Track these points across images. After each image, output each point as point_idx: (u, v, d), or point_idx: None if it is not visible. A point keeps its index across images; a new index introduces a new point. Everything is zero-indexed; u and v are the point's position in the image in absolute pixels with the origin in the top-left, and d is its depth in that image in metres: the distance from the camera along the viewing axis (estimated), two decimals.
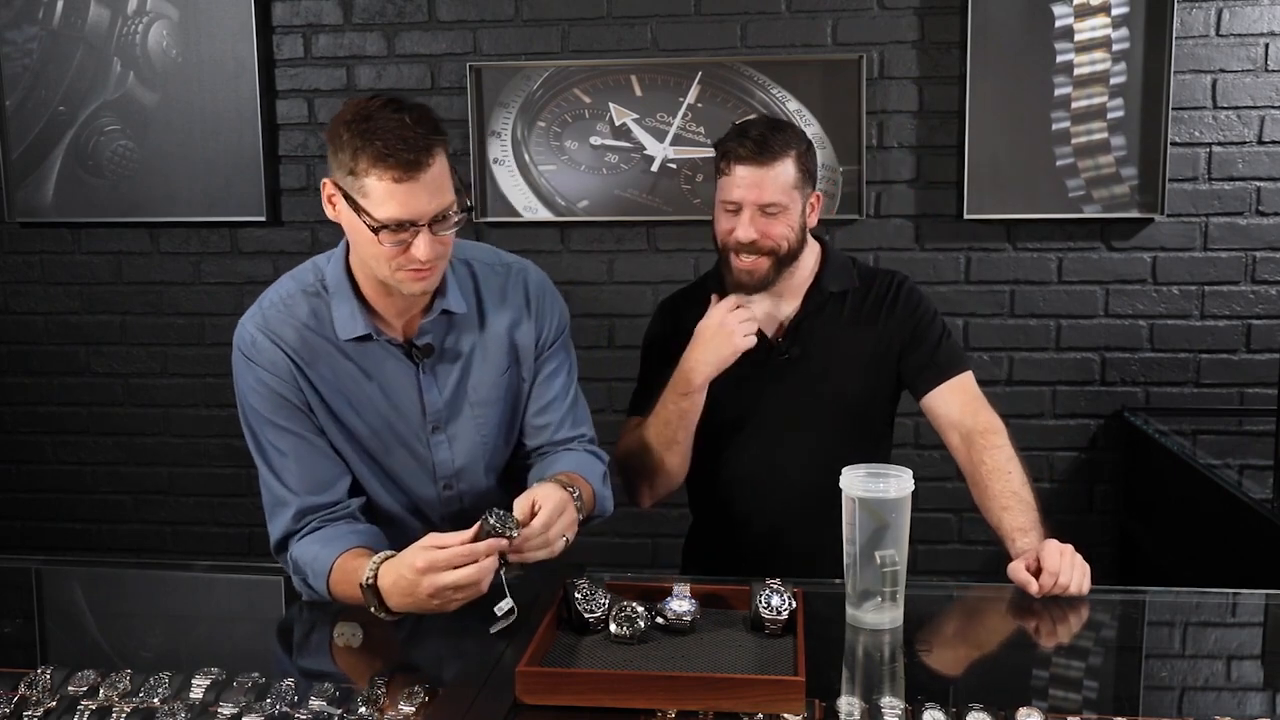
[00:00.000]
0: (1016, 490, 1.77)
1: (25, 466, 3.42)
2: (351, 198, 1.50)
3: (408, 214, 1.48)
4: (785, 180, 1.86)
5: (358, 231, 1.53)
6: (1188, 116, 2.92)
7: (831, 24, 2.99)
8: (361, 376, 1.65)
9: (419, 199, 1.48)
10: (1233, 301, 2.99)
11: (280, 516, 1.64)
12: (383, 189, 1.46)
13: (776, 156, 1.85)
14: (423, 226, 1.49)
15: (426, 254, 1.50)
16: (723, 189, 1.90)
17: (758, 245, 1.87)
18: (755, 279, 1.91)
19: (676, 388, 1.90)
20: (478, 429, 1.72)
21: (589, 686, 1.25)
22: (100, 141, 3.18)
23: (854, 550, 1.46)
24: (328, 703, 1.25)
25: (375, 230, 1.48)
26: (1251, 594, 1.65)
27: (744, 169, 1.86)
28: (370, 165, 1.46)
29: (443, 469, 1.72)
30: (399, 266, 1.53)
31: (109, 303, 3.31)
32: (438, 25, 3.09)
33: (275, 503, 1.65)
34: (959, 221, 3.01)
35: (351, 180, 1.49)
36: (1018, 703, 1.23)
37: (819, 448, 1.94)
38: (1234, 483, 2.40)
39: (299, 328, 1.64)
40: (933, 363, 1.95)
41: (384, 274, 1.55)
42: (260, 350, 1.63)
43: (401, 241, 1.49)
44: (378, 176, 1.46)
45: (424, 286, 1.57)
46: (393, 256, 1.51)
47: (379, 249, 1.51)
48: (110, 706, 1.25)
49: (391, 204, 1.47)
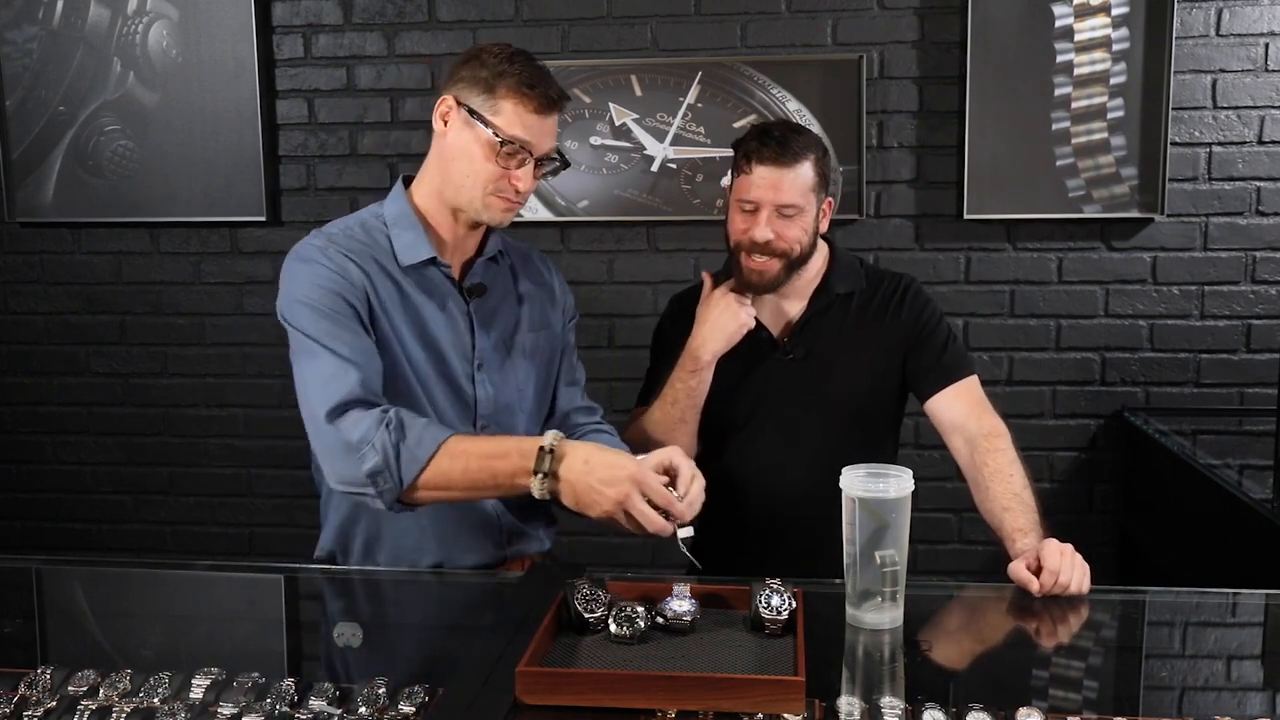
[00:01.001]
0: (1018, 492, 1.77)
1: (25, 466, 3.42)
2: (478, 113, 1.62)
3: (531, 140, 1.63)
4: (804, 183, 1.87)
5: (465, 148, 1.64)
6: (1188, 116, 2.92)
7: (831, 24, 2.99)
8: (418, 304, 1.70)
9: (544, 133, 1.65)
10: (1233, 301, 2.99)
11: (339, 382, 1.57)
12: (518, 113, 1.61)
13: (797, 159, 1.86)
14: (534, 158, 1.64)
15: (526, 184, 1.65)
16: (740, 188, 1.90)
17: (771, 246, 1.88)
18: (765, 280, 1.92)
19: (684, 366, 1.94)
20: (515, 376, 1.79)
21: (589, 686, 1.25)
22: (100, 141, 3.18)
23: (854, 550, 1.46)
24: (328, 703, 1.25)
25: (500, 144, 1.61)
26: (1251, 594, 1.65)
27: (764, 169, 1.86)
28: (513, 89, 1.61)
29: (483, 407, 1.75)
30: (496, 190, 1.65)
31: (109, 303, 3.32)
32: (438, 25, 3.09)
33: (328, 376, 1.58)
34: (959, 221, 3.01)
35: (485, 98, 1.62)
36: (1018, 703, 1.23)
37: (824, 448, 1.94)
38: (1234, 483, 2.40)
39: (365, 247, 1.69)
40: (938, 366, 1.96)
41: (474, 195, 1.65)
42: (330, 257, 1.65)
43: (511, 164, 1.63)
44: (516, 101, 1.61)
45: (506, 218, 1.69)
46: (496, 178, 1.64)
47: (485, 165, 1.63)
48: (110, 706, 1.25)
49: (520, 127, 1.62)
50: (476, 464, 1.55)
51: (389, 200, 1.75)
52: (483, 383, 1.75)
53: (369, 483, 1.54)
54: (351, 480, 1.56)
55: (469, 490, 1.58)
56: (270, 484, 3.32)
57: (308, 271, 1.65)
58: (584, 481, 1.51)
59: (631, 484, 1.49)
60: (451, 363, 1.72)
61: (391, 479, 1.54)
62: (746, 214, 1.89)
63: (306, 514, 3.26)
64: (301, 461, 3.22)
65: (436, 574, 1.74)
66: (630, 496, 1.49)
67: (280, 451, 3.28)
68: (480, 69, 1.63)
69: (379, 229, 1.72)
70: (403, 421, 1.55)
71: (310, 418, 1.60)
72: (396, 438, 1.53)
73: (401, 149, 3.15)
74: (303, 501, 3.27)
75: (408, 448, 1.53)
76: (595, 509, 1.52)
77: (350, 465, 1.55)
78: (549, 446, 1.52)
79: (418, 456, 1.53)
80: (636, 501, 1.49)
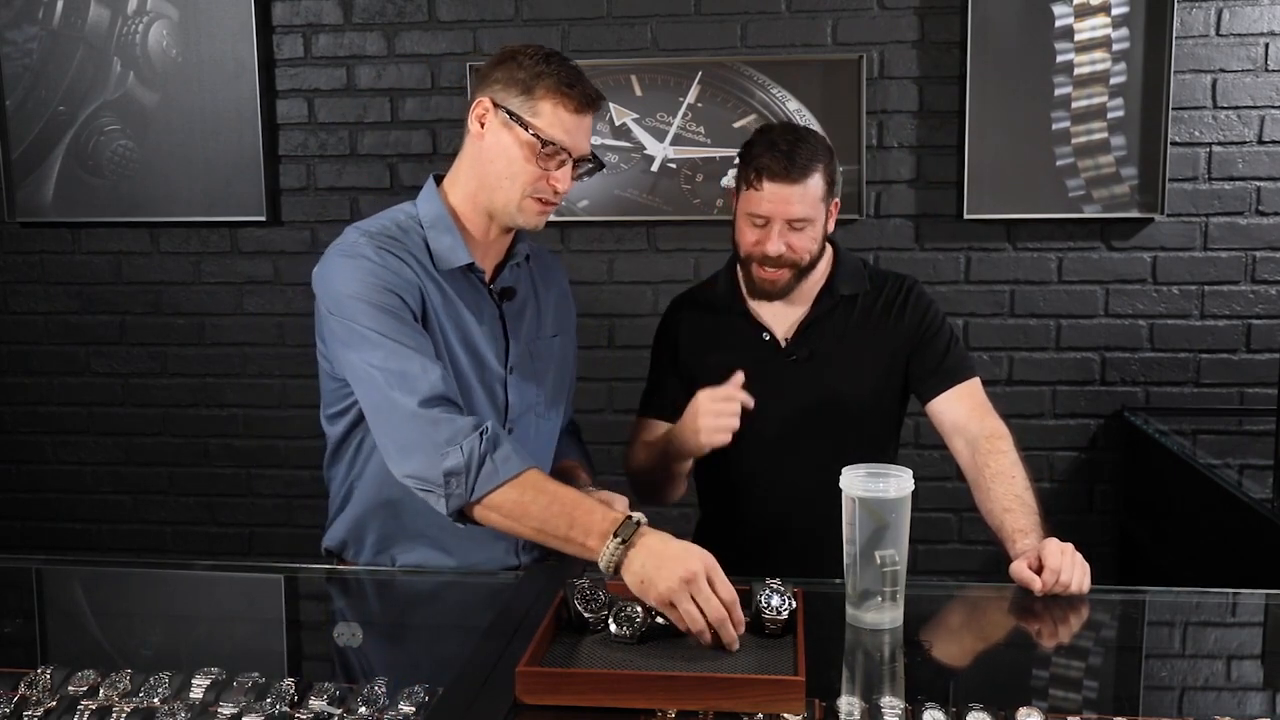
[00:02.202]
0: (1019, 494, 1.77)
1: (25, 466, 3.42)
2: (517, 115, 1.61)
3: (570, 141, 1.62)
4: (814, 195, 1.87)
5: (504, 150, 1.63)
6: (1188, 116, 2.92)
7: (831, 24, 2.99)
8: (456, 309, 1.69)
9: (582, 134, 1.64)
10: (1233, 301, 2.99)
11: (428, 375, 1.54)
12: (558, 114, 1.60)
13: (805, 172, 1.84)
14: (572, 160, 1.63)
15: (565, 185, 1.64)
16: (749, 202, 1.88)
17: (783, 259, 1.88)
18: (777, 289, 1.93)
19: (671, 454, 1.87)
20: (538, 378, 1.80)
21: (589, 686, 1.25)
22: (100, 141, 3.18)
23: (854, 550, 1.46)
24: (328, 703, 1.25)
25: (540, 144, 1.60)
26: (1251, 594, 1.65)
27: (775, 185, 1.84)
28: (551, 90, 1.60)
29: (513, 410, 1.75)
30: (533, 192, 1.63)
31: (109, 303, 3.31)
32: (438, 25, 3.09)
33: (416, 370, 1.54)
34: (959, 221, 3.01)
35: (523, 100, 1.61)
36: (1018, 703, 1.23)
37: (828, 449, 1.94)
38: (1234, 483, 2.40)
39: (407, 248, 1.66)
40: (941, 368, 1.96)
41: (510, 198, 1.64)
42: (382, 256, 1.62)
43: (550, 166, 1.62)
44: (555, 102, 1.60)
45: (540, 222, 1.67)
46: (533, 180, 1.62)
47: (524, 168, 1.62)
48: (110, 706, 1.25)
49: (559, 129, 1.61)
50: (558, 507, 1.48)
51: (422, 201, 1.72)
52: (514, 386, 1.75)
53: (442, 482, 1.50)
54: (425, 475, 1.52)
55: (539, 529, 1.49)
56: (270, 484, 3.32)
57: (358, 267, 1.60)
58: (662, 556, 1.39)
59: (702, 565, 1.38)
60: (490, 367, 1.72)
61: (465, 485, 1.50)
62: (757, 227, 1.89)
63: (306, 514, 3.26)
64: (301, 461, 3.25)
65: (436, 574, 1.74)
66: (697, 579, 1.36)
67: (280, 451, 3.28)
68: (517, 70, 1.62)
69: (416, 230, 1.69)
70: (497, 435, 1.52)
71: (390, 405, 1.54)
72: (487, 448, 1.50)
73: (401, 149, 3.15)
74: (303, 501, 3.28)
75: (494, 461, 1.49)
76: (660, 584, 1.37)
77: (430, 459, 1.51)
78: (637, 519, 1.44)
79: (499, 473, 1.49)
80: (702, 585, 1.36)
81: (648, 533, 1.42)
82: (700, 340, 2.03)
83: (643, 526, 1.43)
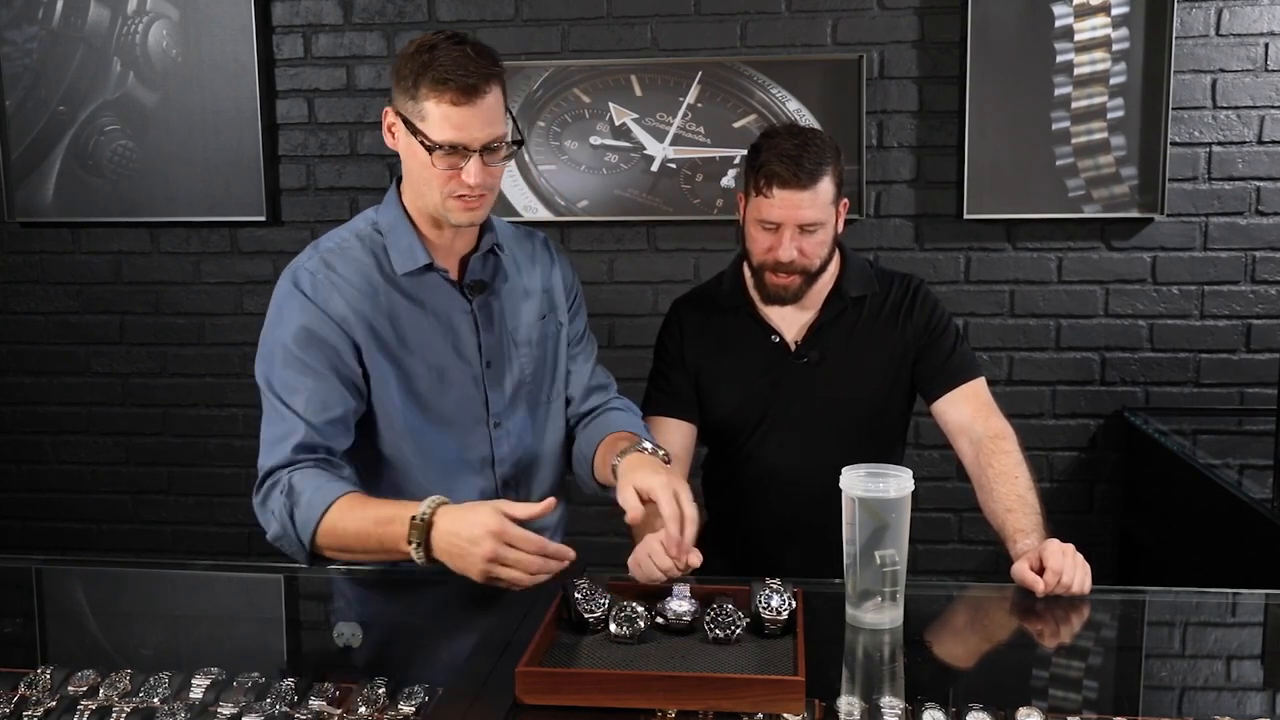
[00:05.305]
0: (1022, 494, 1.77)
1: (25, 466, 3.42)
2: (410, 122, 1.58)
3: (462, 138, 1.56)
4: (824, 199, 1.86)
5: (413, 157, 1.61)
6: (1188, 116, 2.92)
7: (831, 24, 2.99)
8: (420, 314, 1.69)
9: (473, 124, 1.56)
10: (1233, 301, 2.99)
11: (278, 448, 1.61)
12: (440, 112, 1.55)
13: (814, 178, 1.84)
14: (474, 152, 1.57)
15: (476, 179, 1.58)
16: (760, 208, 1.88)
17: (795, 264, 1.88)
18: (789, 293, 1.93)
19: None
20: (520, 368, 1.78)
21: (589, 686, 1.25)
22: (100, 141, 3.18)
23: (854, 550, 1.46)
24: (328, 703, 1.25)
25: (430, 150, 1.56)
26: (1251, 594, 1.65)
27: (785, 192, 1.84)
28: (430, 89, 1.55)
29: (494, 405, 1.75)
30: (450, 193, 1.60)
31: (109, 303, 3.32)
32: (438, 25, 3.09)
33: (276, 438, 1.62)
34: (959, 221, 3.01)
35: (412, 105, 1.57)
36: (1018, 703, 1.23)
37: (836, 451, 1.93)
38: (1234, 483, 2.40)
39: (359, 266, 1.68)
40: (946, 368, 1.96)
41: (435, 201, 1.62)
42: (319, 289, 1.65)
43: (453, 166, 1.58)
44: (436, 100, 1.55)
45: (472, 217, 1.64)
46: (445, 181, 1.59)
47: (432, 172, 1.59)
48: (110, 706, 1.25)
49: (447, 127, 1.56)
50: (367, 528, 1.52)
51: (384, 206, 1.74)
52: (493, 381, 1.75)
53: (280, 546, 1.61)
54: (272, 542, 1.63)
55: (370, 552, 1.54)
56: None
57: (291, 306, 1.65)
58: (455, 548, 1.43)
59: (492, 540, 1.39)
60: (461, 364, 1.72)
61: (292, 542, 1.58)
62: (768, 233, 1.88)
63: None
64: None
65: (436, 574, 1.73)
66: (498, 553, 1.39)
67: None
68: (404, 70, 1.58)
69: (374, 238, 1.71)
70: (293, 486, 1.57)
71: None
72: (290, 503, 1.57)
73: None
74: None
75: (300, 511, 1.56)
76: (471, 573, 1.43)
77: (270, 533, 1.62)
78: (420, 516, 1.45)
79: (310, 519, 1.55)
80: (506, 553, 1.39)
81: (437, 524, 1.46)
82: (708, 342, 2.03)
83: (434, 519, 1.46)
